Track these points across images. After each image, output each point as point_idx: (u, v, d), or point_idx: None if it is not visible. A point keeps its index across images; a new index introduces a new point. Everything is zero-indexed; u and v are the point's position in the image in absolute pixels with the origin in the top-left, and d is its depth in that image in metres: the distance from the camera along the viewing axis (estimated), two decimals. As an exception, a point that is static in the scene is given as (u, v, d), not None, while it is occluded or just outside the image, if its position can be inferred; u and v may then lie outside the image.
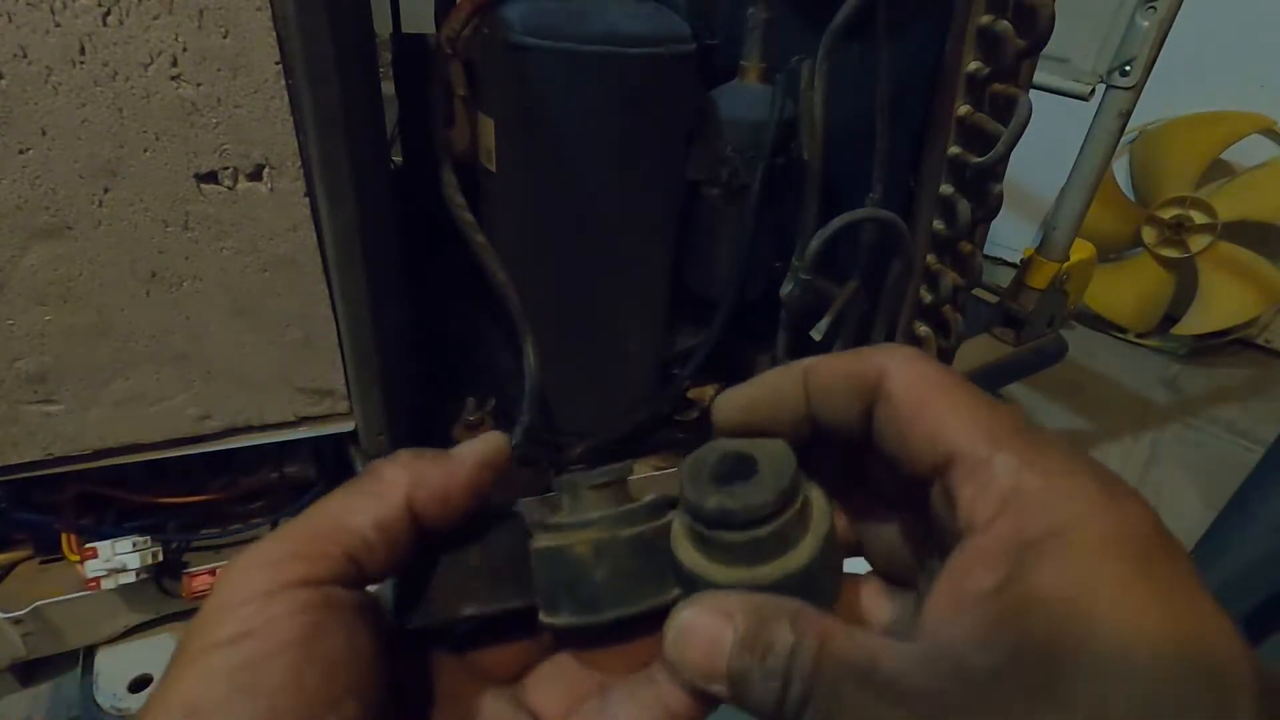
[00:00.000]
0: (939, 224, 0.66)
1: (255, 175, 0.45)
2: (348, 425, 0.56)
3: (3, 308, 0.44)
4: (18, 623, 0.53)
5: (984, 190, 0.62)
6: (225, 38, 0.40)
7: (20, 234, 0.42)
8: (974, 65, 0.59)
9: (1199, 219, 1.47)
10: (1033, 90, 0.59)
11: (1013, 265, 1.77)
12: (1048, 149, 1.10)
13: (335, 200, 0.46)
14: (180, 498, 0.57)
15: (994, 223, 0.66)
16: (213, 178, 0.44)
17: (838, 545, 0.22)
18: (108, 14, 0.38)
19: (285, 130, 0.44)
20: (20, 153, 0.40)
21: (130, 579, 0.53)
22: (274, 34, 0.41)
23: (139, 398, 0.49)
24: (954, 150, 0.63)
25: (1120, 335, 1.64)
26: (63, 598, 0.54)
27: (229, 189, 0.44)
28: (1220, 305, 1.51)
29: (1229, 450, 1.33)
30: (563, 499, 0.24)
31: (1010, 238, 1.80)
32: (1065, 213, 1.02)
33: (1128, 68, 0.89)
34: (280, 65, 0.42)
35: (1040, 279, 1.05)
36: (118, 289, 0.45)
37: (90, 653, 0.58)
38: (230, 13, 0.40)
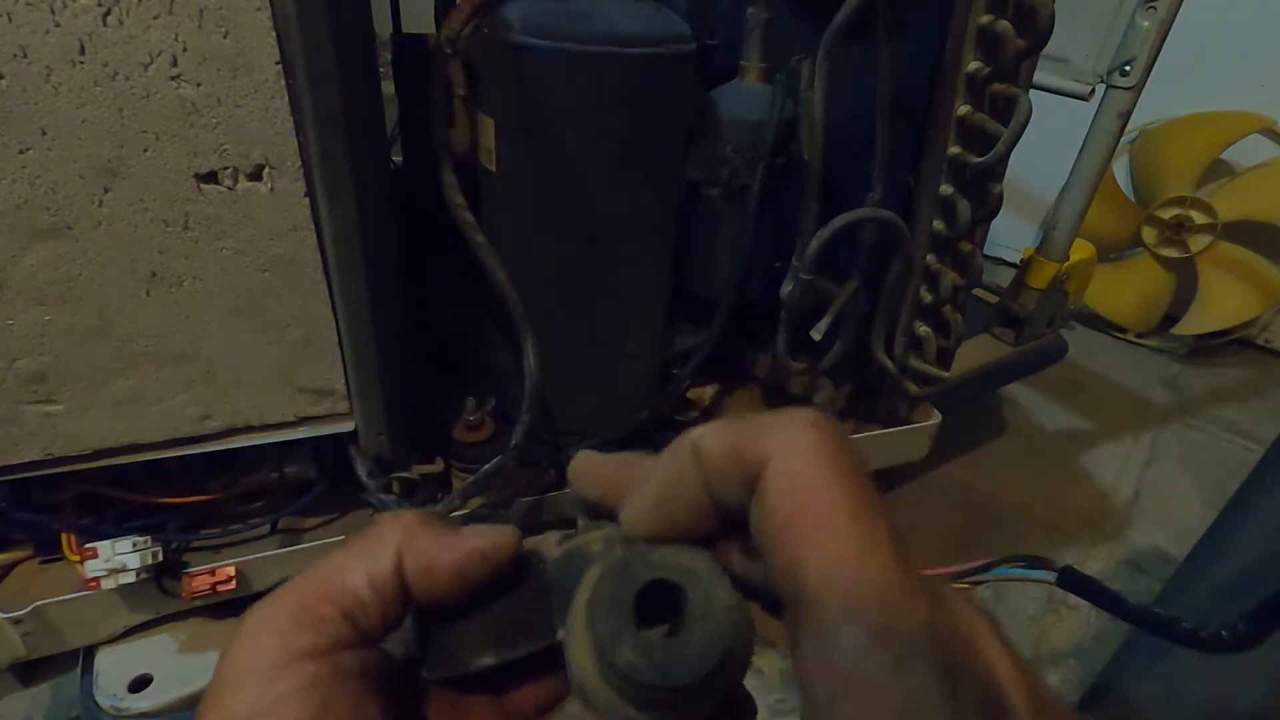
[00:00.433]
0: (939, 224, 0.66)
1: (255, 175, 0.45)
2: (348, 425, 0.56)
3: (3, 308, 0.44)
4: (18, 623, 0.53)
5: (984, 190, 0.62)
6: (225, 38, 0.40)
7: (20, 234, 0.42)
8: (974, 65, 0.59)
9: (1199, 219, 1.47)
10: (1033, 90, 0.59)
11: (1013, 265, 1.77)
12: (1048, 149, 1.10)
13: (335, 200, 0.46)
14: (180, 498, 0.57)
15: (994, 223, 0.66)
16: (213, 178, 0.44)
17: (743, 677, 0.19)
18: (108, 14, 0.38)
19: (285, 130, 0.44)
20: (20, 153, 0.40)
21: (130, 579, 0.53)
22: (274, 34, 0.41)
23: (139, 398, 0.49)
24: (954, 150, 0.63)
25: (1120, 335, 1.64)
26: (63, 598, 0.54)
27: (229, 189, 0.44)
28: (1220, 305, 1.51)
29: (1229, 450, 1.33)
30: (578, 521, 0.23)
31: (1010, 238, 1.80)
32: (1065, 213, 1.02)
33: (1128, 68, 0.89)
34: (280, 65, 0.42)
35: (1040, 279, 1.05)
36: (118, 289, 0.45)
37: (90, 653, 0.58)
38: (230, 13, 0.40)
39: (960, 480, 1.20)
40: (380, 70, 0.52)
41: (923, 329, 0.72)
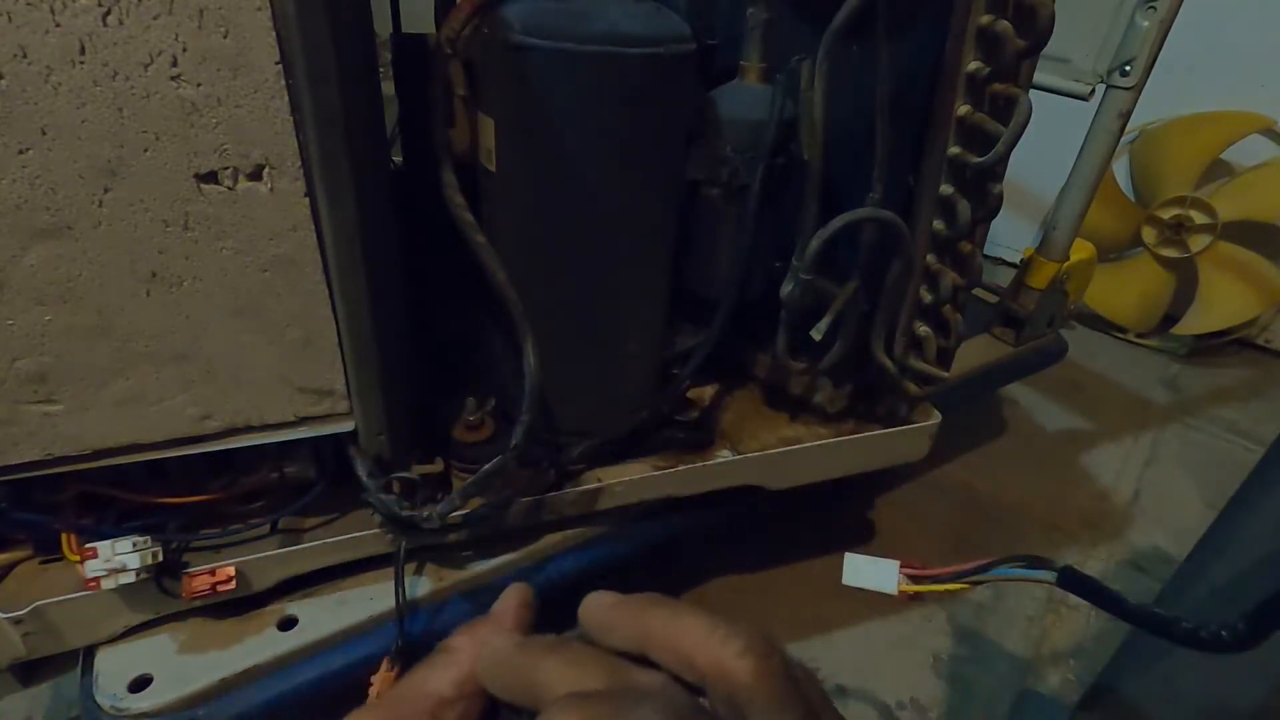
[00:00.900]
0: (939, 224, 0.66)
1: (255, 175, 0.45)
2: (348, 425, 0.56)
3: (3, 308, 0.44)
4: (18, 623, 0.53)
5: (984, 190, 0.62)
6: (225, 38, 0.40)
7: (20, 234, 0.42)
8: (974, 65, 0.59)
9: (1199, 219, 1.47)
10: (1033, 90, 0.59)
11: (1013, 265, 1.77)
12: (1048, 149, 1.10)
13: (335, 200, 0.46)
14: (180, 498, 0.57)
15: (994, 223, 0.66)
16: (213, 178, 0.44)
17: None
18: (108, 14, 0.38)
19: (285, 130, 0.44)
20: (20, 153, 0.40)
21: (130, 579, 0.53)
22: (274, 34, 0.41)
23: (139, 398, 0.49)
24: (954, 150, 0.63)
25: (1120, 335, 1.64)
26: (63, 598, 0.54)
27: (229, 189, 0.44)
28: (1220, 305, 1.51)
29: (1229, 450, 1.33)
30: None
31: (1010, 238, 1.80)
32: (1065, 213, 1.02)
33: (1128, 68, 0.89)
34: (280, 65, 0.42)
35: (1040, 279, 1.05)
36: (118, 289, 0.45)
37: (90, 653, 0.58)
38: (230, 13, 0.40)
39: (960, 480, 1.20)
40: (380, 70, 0.52)
41: (923, 329, 0.72)
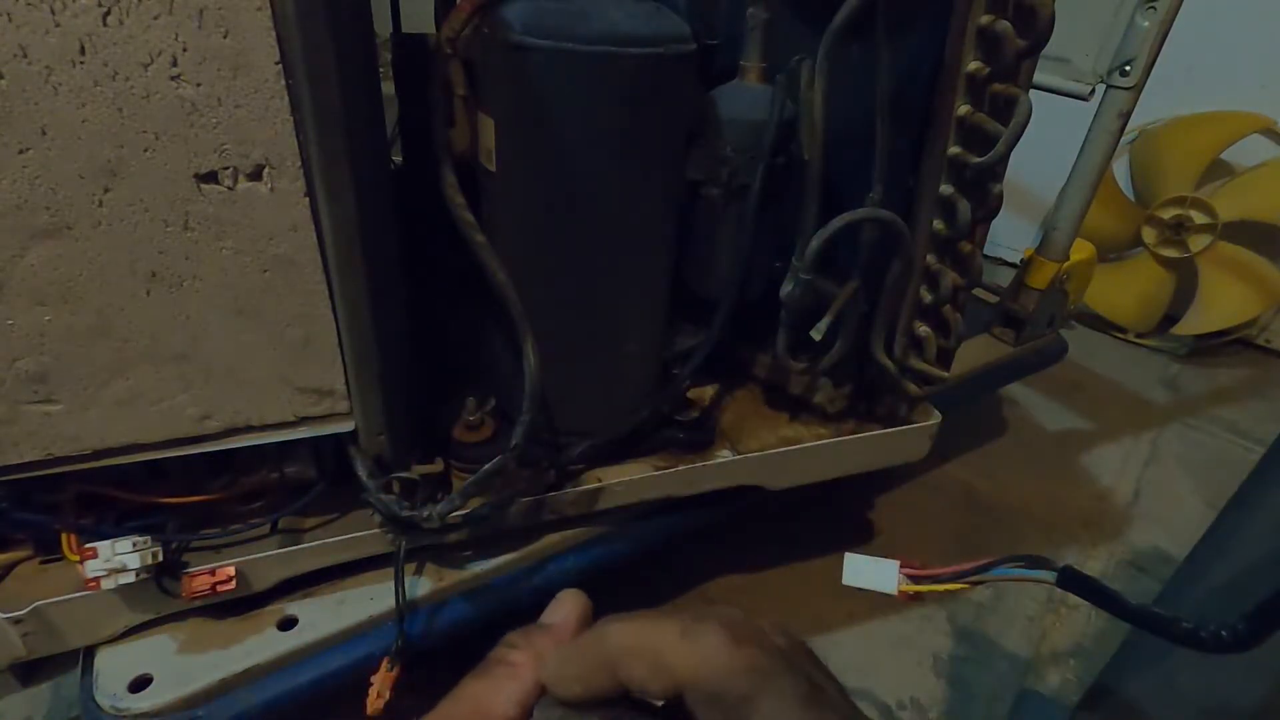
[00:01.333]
0: (939, 224, 0.66)
1: (255, 175, 0.45)
2: (348, 425, 0.56)
3: (3, 308, 0.44)
4: (18, 623, 0.53)
5: (984, 190, 0.62)
6: (225, 38, 0.40)
7: (20, 234, 0.42)
8: (974, 65, 0.59)
9: (1199, 219, 1.47)
10: (1033, 90, 0.59)
11: (1013, 265, 1.77)
12: (1048, 149, 1.10)
13: (335, 200, 0.46)
14: (180, 498, 0.57)
15: (994, 223, 0.66)
16: (213, 178, 0.44)
17: None
18: (108, 14, 0.38)
19: (285, 130, 0.44)
20: (20, 153, 0.40)
21: (130, 579, 0.53)
22: (274, 34, 0.41)
23: (139, 398, 0.49)
24: (954, 150, 0.63)
25: (1120, 335, 1.64)
26: (63, 598, 0.54)
27: (229, 189, 0.44)
28: (1220, 305, 1.51)
29: (1229, 450, 1.33)
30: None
31: (1010, 238, 1.80)
32: (1065, 213, 1.02)
33: (1128, 68, 0.89)
34: (280, 65, 0.42)
35: (1040, 279, 1.05)
36: (118, 289, 0.45)
37: (90, 653, 0.58)
38: (230, 13, 0.40)
39: (960, 480, 1.20)
40: (380, 70, 0.52)
41: (923, 329, 0.72)
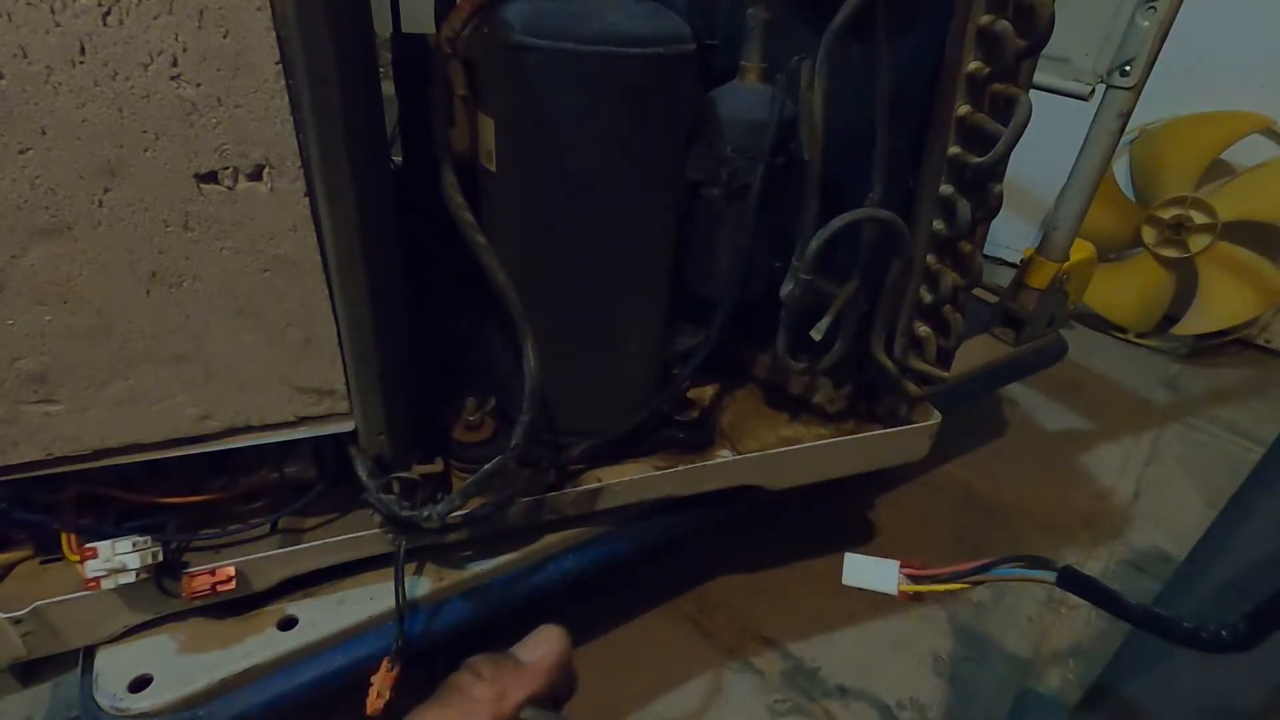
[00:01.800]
0: (939, 224, 0.66)
1: (255, 175, 0.45)
2: (348, 425, 0.56)
3: (3, 308, 0.44)
4: (18, 623, 0.53)
5: (984, 190, 0.62)
6: (225, 38, 0.40)
7: (20, 234, 0.42)
8: (974, 65, 0.59)
9: (1199, 219, 1.47)
10: (1033, 90, 0.59)
11: (1013, 265, 1.77)
12: (1048, 149, 1.10)
13: (335, 200, 0.46)
14: (180, 498, 0.57)
15: (994, 223, 0.66)
16: (213, 178, 0.44)
17: None
18: (108, 14, 0.38)
19: (285, 130, 0.44)
20: (20, 153, 0.40)
21: (130, 579, 0.53)
22: (274, 34, 0.41)
23: (139, 398, 0.49)
24: (954, 150, 0.63)
25: (1120, 335, 1.64)
26: (63, 598, 0.54)
27: (229, 189, 0.44)
28: (1220, 305, 1.51)
29: (1229, 450, 1.33)
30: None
31: (1010, 238, 1.80)
32: (1065, 213, 1.02)
33: (1128, 68, 0.89)
34: (280, 65, 0.42)
35: (1040, 279, 1.05)
36: (118, 289, 0.45)
37: (90, 653, 0.58)
38: (230, 13, 0.40)
39: (960, 480, 1.20)
40: (380, 70, 0.52)
41: (923, 329, 0.72)
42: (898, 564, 0.59)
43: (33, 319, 0.44)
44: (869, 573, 0.59)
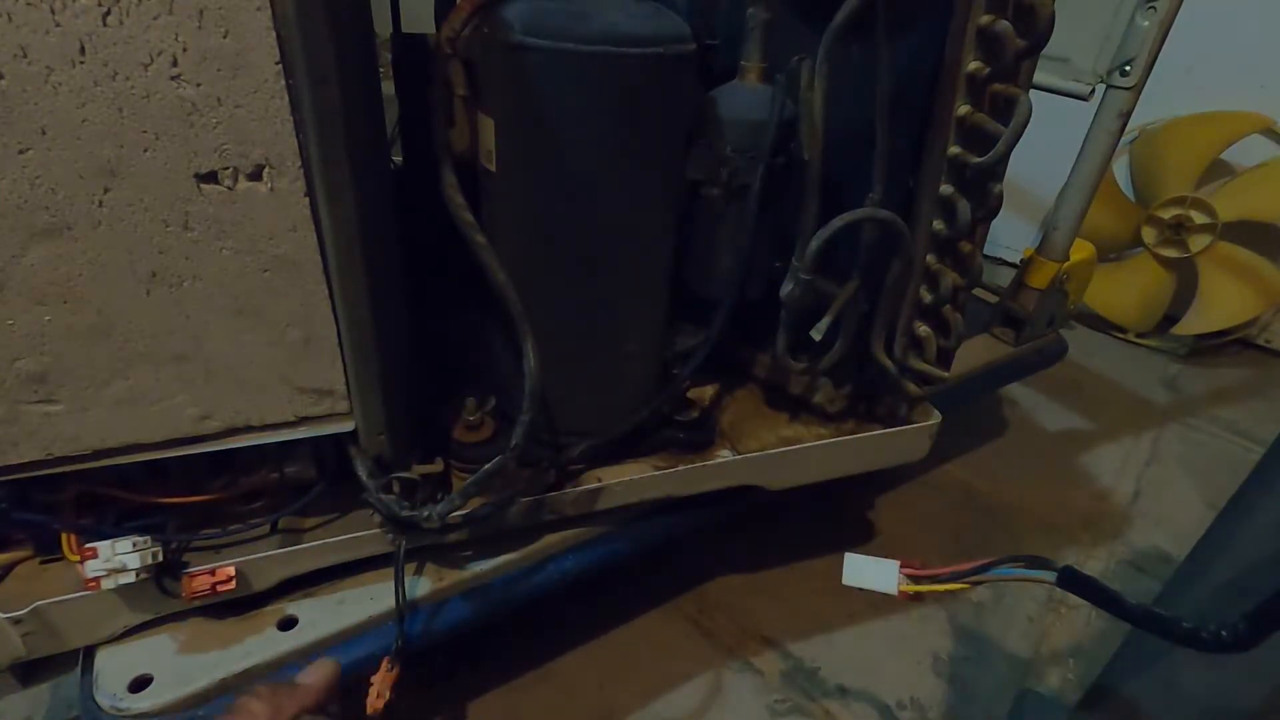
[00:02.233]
0: (939, 224, 0.66)
1: (255, 175, 0.45)
2: (348, 425, 0.56)
3: (3, 308, 0.44)
4: (18, 623, 0.53)
5: (984, 190, 0.62)
6: (225, 38, 0.40)
7: (20, 234, 0.42)
8: (974, 65, 0.59)
9: (1199, 219, 1.47)
10: (1033, 90, 0.59)
11: (1013, 265, 1.77)
12: (1048, 149, 1.10)
13: (335, 200, 0.46)
14: (180, 498, 0.57)
15: (994, 223, 0.66)
16: (213, 178, 0.44)
17: None
18: (108, 14, 0.38)
19: (285, 130, 0.44)
20: (20, 153, 0.40)
21: (130, 579, 0.53)
22: (274, 34, 0.41)
23: (139, 398, 0.49)
24: (954, 150, 0.63)
25: (1120, 335, 1.64)
26: (63, 598, 0.54)
27: (229, 189, 0.44)
28: (1220, 305, 1.51)
29: (1229, 450, 1.33)
30: None
31: (1010, 238, 1.80)
32: (1065, 213, 1.02)
33: (1128, 68, 0.89)
34: (280, 65, 0.42)
35: (1040, 279, 1.05)
36: (118, 289, 0.45)
37: (90, 653, 0.58)
38: (230, 13, 0.40)
39: (960, 480, 1.20)
40: (380, 70, 0.52)
41: (923, 329, 0.72)
42: (898, 564, 0.59)
43: (33, 319, 0.44)
44: (869, 573, 0.59)
